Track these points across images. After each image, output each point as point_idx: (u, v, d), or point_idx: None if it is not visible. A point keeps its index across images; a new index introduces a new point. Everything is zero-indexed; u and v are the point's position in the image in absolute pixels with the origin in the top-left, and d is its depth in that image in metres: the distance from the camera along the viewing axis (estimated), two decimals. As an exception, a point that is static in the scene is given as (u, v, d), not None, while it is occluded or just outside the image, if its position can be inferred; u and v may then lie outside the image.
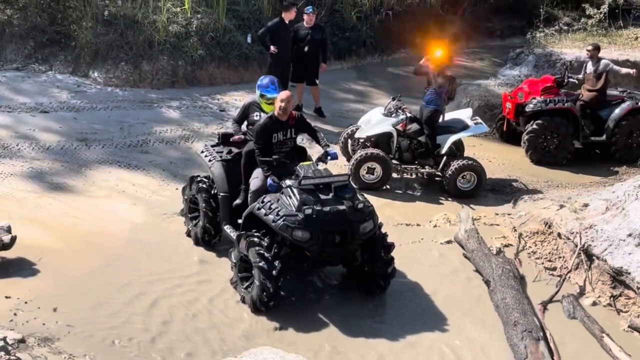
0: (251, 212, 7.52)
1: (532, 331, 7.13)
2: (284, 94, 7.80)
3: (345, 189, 7.49)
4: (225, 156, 8.34)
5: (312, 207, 7.15)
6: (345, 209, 7.27)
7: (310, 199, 7.24)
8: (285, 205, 7.28)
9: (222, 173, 8.18)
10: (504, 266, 8.34)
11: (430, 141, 10.74)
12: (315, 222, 7.13)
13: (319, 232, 7.15)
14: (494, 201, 10.56)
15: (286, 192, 7.38)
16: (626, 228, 8.19)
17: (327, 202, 7.28)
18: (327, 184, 7.43)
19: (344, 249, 7.42)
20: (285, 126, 7.84)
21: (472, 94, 13.99)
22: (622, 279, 8.03)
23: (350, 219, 7.28)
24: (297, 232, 7.12)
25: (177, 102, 13.01)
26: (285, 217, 7.14)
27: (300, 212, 7.14)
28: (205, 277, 7.91)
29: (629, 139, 12.06)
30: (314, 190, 7.34)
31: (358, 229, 7.32)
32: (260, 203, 7.41)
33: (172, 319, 7.09)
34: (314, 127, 8.32)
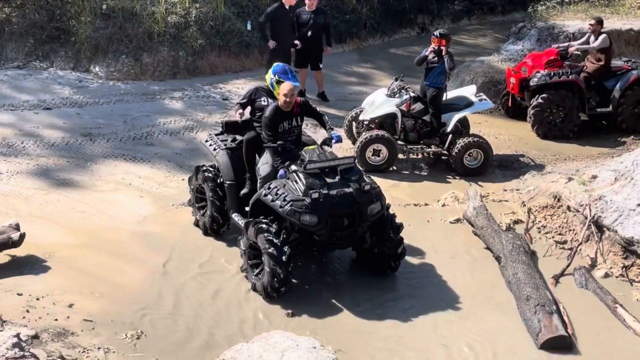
0: (258, 198, 7.50)
1: (545, 305, 7.11)
2: (287, 88, 7.71)
3: (351, 171, 7.47)
4: (230, 144, 8.31)
5: (318, 191, 7.13)
6: (352, 191, 7.25)
7: (316, 183, 7.22)
8: (292, 190, 7.26)
9: (227, 161, 8.15)
10: (514, 242, 8.31)
11: (435, 120, 10.68)
12: (323, 205, 7.11)
13: (327, 216, 7.13)
14: (502, 177, 10.52)
15: (292, 177, 7.36)
16: (636, 198, 8.14)
17: (334, 185, 7.27)
18: (333, 167, 7.40)
19: (353, 231, 7.38)
20: (290, 115, 7.81)
21: (475, 70, 13.89)
22: (633, 249, 7.99)
23: (358, 201, 7.25)
24: (305, 216, 7.10)
25: (179, 93, 12.97)
26: (292, 202, 7.12)
27: (307, 197, 7.12)
28: (216, 266, 7.91)
29: (635, 109, 11.97)
30: (319, 174, 7.32)
31: (366, 210, 7.29)
32: (267, 189, 7.40)
33: (184, 309, 7.09)
34: (319, 111, 8.29)
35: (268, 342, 4.40)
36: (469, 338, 6.95)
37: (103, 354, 6.26)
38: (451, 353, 6.71)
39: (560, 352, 6.75)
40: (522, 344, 6.88)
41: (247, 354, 4.27)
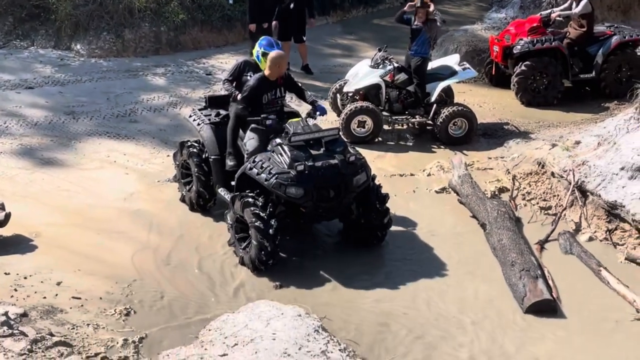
0: (244, 172, 7.50)
1: (530, 270, 7.19)
2: (278, 55, 7.73)
3: (335, 143, 7.47)
4: (213, 119, 8.27)
5: (303, 163, 7.12)
6: (337, 162, 7.26)
7: (301, 155, 7.22)
8: (277, 163, 7.25)
9: (212, 136, 8.10)
10: (499, 209, 8.37)
11: (420, 90, 10.68)
12: (308, 177, 7.12)
13: (313, 188, 7.14)
14: (487, 145, 10.56)
15: (277, 150, 7.35)
16: (618, 162, 8.21)
17: (319, 157, 7.27)
18: (318, 139, 7.40)
19: (339, 203, 7.39)
20: (274, 86, 7.79)
21: (459, 39, 13.88)
22: (617, 213, 8.07)
23: (343, 173, 7.26)
24: (291, 189, 7.10)
25: (162, 69, 12.90)
26: (277, 175, 7.12)
27: (292, 169, 7.12)
28: (203, 241, 7.92)
29: (618, 74, 12.02)
30: (304, 146, 7.31)
31: (351, 181, 7.32)
32: (252, 163, 7.38)
33: (172, 284, 7.11)
34: (300, 86, 8.28)
35: (254, 311, 4.45)
36: (455, 305, 7.02)
37: (92, 330, 6.27)
38: (438, 321, 6.77)
39: (546, 315, 6.84)
40: (508, 308, 6.95)
41: (233, 324, 4.32)
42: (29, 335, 5.55)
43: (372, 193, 7.66)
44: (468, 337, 6.55)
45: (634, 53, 12.17)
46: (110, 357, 5.86)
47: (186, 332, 5.71)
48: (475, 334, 6.61)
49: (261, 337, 4.19)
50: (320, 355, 4.06)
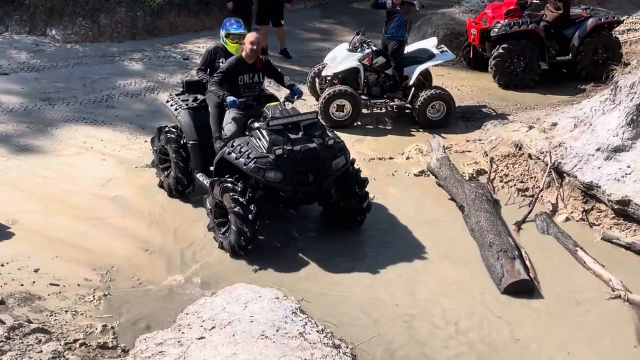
0: (222, 157, 7.44)
1: (508, 251, 7.26)
2: (253, 36, 7.72)
3: (314, 127, 7.45)
4: (191, 104, 8.20)
5: (282, 147, 7.10)
6: (316, 146, 7.24)
7: (280, 139, 7.18)
8: (256, 147, 7.22)
9: (189, 121, 8.04)
10: (477, 191, 8.43)
11: (398, 73, 10.68)
12: (287, 162, 7.10)
13: (292, 172, 7.13)
14: (465, 128, 10.60)
15: (255, 135, 7.32)
16: (595, 143, 8.29)
17: (298, 141, 7.24)
18: (296, 123, 7.37)
19: (318, 187, 7.39)
20: (252, 69, 7.74)
21: (437, 23, 13.88)
22: (593, 194, 8.16)
23: (322, 156, 7.25)
24: (270, 173, 7.08)
25: (139, 54, 12.78)
26: (256, 160, 7.09)
27: (271, 153, 7.09)
28: (181, 226, 7.91)
29: (594, 56, 12.09)
30: (283, 130, 7.28)
31: (330, 165, 7.31)
32: (231, 147, 7.33)
33: (150, 269, 7.11)
34: (280, 71, 8.21)
35: (232, 294, 4.45)
36: (435, 287, 7.08)
37: (71, 316, 6.25)
38: (417, 303, 6.83)
39: (524, 296, 6.92)
40: (487, 290, 7.02)
41: (211, 307, 4.32)
42: (7, 322, 5.51)
43: (352, 177, 7.66)
44: (446, 320, 6.61)
45: (610, 35, 12.25)
46: (89, 343, 5.84)
47: (164, 317, 5.72)
48: (453, 316, 6.66)
49: (239, 320, 4.20)
50: (299, 337, 4.07)
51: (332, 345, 4.05)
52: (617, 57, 11.77)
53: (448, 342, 6.31)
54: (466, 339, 6.36)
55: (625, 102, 8.18)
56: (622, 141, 8.08)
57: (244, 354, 3.87)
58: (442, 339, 6.34)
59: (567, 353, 6.22)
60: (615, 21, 12.27)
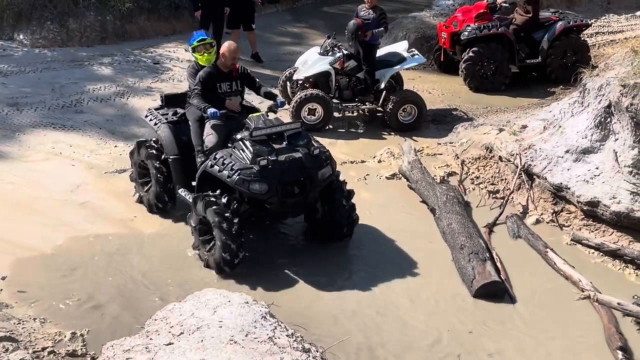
0: (205, 170, 7.21)
1: (479, 253, 7.29)
2: (230, 45, 7.50)
3: (298, 136, 7.24)
4: (171, 118, 7.96)
5: (267, 158, 6.89)
6: (301, 156, 7.05)
7: (264, 149, 6.97)
8: (239, 159, 7.00)
9: (170, 136, 7.77)
10: (448, 193, 8.46)
11: (369, 77, 10.70)
12: (272, 172, 6.88)
13: (277, 183, 6.91)
14: (436, 131, 10.65)
15: (238, 146, 7.11)
16: (563, 145, 8.36)
17: (282, 151, 7.04)
18: (280, 133, 7.17)
19: (304, 198, 7.19)
20: (229, 78, 7.56)
21: (407, 26, 13.94)
22: (562, 195, 8.23)
23: (308, 166, 7.06)
24: (254, 185, 6.85)
25: (108, 59, 12.67)
26: (240, 171, 6.86)
27: (255, 164, 6.88)
28: (151, 231, 7.83)
29: (563, 59, 12.22)
30: (267, 140, 7.07)
31: (316, 175, 7.12)
32: (213, 160, 7.09)
33: (120, 275, 7.02)
34: (257, 80, 7.97)
35: (200, 299, 4.40)
36: (405, 288, 7.08)
37: (39, 324, 6.16)
38: (388, 305, 6.82)
39: (495, 299, 6.93)
40: (458, 292, 7.03)
41: (179, 313, 4.27)
42: (-28, 332, 5.41)
43: (338, 190, 7.48)
44: (417, 322, 6.61)
45: (579, 38, 12.40)
46: (57, 351, 5.77)
47: (132, 323, 5.66)
48: (424, 319, 6.67)
49: (208, 325, 4.16)
50: (268, 341, 4.04)
51: (301, 349, 4.03)
52: (585, 59, 11.91)
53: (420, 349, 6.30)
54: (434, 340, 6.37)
55: (593, 104, 8.26)
56: (591, 143, 8.16)
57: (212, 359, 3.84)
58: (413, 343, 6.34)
59: (537, 355, 6.25)
60: (584, 24, 12.42)
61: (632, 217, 7.60)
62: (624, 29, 14.14)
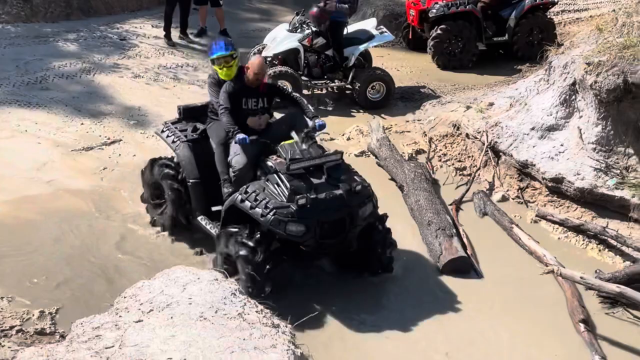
0: (233, 205, 6.40)
1: (446, 229, 7.38)
2: (256, 60, 6.76)
3: (338, 169, 6.45)
4: (190, 135, 7.14)
5: (305, 196, 6.09)
6: (342, 193, 6.25)
7: (302, 185, 6.19)
8: (274, 195, 6.21)
9: (190, 156, 6.98)
10: (416, 170, 8.54)
11: (338, 54, 10.70)
12: (311, 212, 6.10)
13: (316, 224, 6.15)
14: (404, 109, 10.72)
15: (272, 179, 6.30)
16: (529, 122, 8.47)
17: (321, 187, 6.24)
18: (319, 166, 6.36)
19: (343, 238, 6.42)
20: (255, 94, 6.78)
21: (376, 4, 13.95)
22: (528, 172, 8.36)
23: (349, 204, 6.29)
24: (291, 226, 6.09)
25: (74, 35, 12.47)
26: (275, 210, 6.07)
27: (293, 203, 6.08)
28: (119, 207, 7.79)
29: (529, 37, 12.34)
30: (304, 174, 6.27)
31: (357, 214, 6.35)
32: (244, 194, 6.27)
33: (87, 253, 6.99)
34: (293, 94, 7.18)
35: (169, 277, 4.42)
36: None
37: (7, 303, 6.13)
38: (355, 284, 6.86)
39: (462, 275, 7.04)
40: (425, 268, 7.13)
41: (149, 290, 4.29)
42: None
43: (377, 227, 6.73)
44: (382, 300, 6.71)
45: (545, 16, 12.52)
46: (26, 329, 5.77)
47: (101, 301, 5.66)
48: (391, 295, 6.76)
49: (177, 302, 4.19)
50: (237, 317, 4.09)
51: (270, 325, 4.08)
52: (551, 37, 12.03)
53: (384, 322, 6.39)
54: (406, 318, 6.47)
55: (559, 81, 8.37)
56: (556, 120, 8.28)
57: (182, 336, 3.87)
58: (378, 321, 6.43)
59: (503, 328, 6.38)
60: (550, 2, 12.54)
61: (595, 193, 7.74)
62: (590, 7, 14.30)
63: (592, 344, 6.12)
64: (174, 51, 12.16)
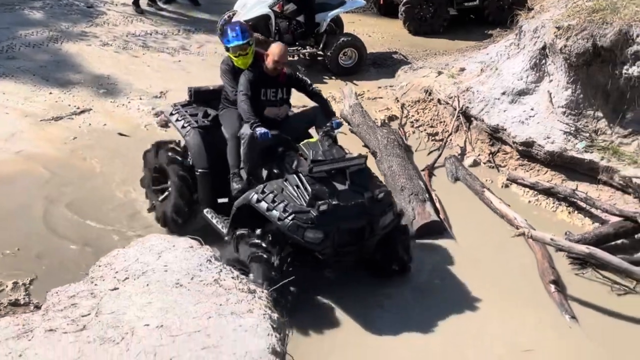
0: (246, 204, 5.97)
1: (419, 194, 7.45)
2: (277, 47, 6.31)
3: (361, 173, 6.07)
4: (202, 121, 6.69)
5: (328, 202, 5.70)
6: (364, 201, 5.89)
7: (323, 190, 5.81)
8: (293, 197, 5.82)
9: (200, 144, 6.54)
10: (389, 136, 8.57)
11: (309, 20, 10.62)
12: (331, 219, 5.73)
13: (335, 231, 5.80)
14: (376, 75, 10.71)
15: (292, 181, 5.92)
16: (500, 87, 8.53)
17: (344, 194, 5.86)
18: (342, 169, 5.97)
19: (361, 247, 6.08)
20: (275, 84, 6.36)
21: (347, -31, 13.80)
22: (499, 136, 8.43)
23: (370, 213, 5.95)
24: (309, 232, 5.73)
25: (40, 2, 12.19)
26: (295, 215, 5.69)
27: (314, 208, 5.70)
28: (92, 178, 7.73)
29: (500, 1, 12.34)
30: (327, 177, 5.89)
31: (377, 222, 6.01)
32: (260, 194, 5.86)
33: (60, 222, 6.96)
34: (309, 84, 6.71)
35: (144, 245, 4.41)
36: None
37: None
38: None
39: (434, 238, 7.13)
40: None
41: (124, 259, 4.28)
42: None
43: (397, 236, 6.41)
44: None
45: (515, -19, 12.51)
46: (0, 300, 5.73)
47: (76, 270, 5.65)
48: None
49: (153, 269, 4.18)
50: (213, 283, 4.10)
51: (247, 290, 4.11)
52: (521, 1, 11.96)
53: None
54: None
55: (529, 46, 8.42)
56: (526, 84, 8.34)
57: (158, 303, 3.88)
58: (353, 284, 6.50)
59: (474, 290, 6.48)
60: (520, -33, 12.52)
61: (565, 156, 7.84)
62: (560, -29, 14.31)
63: (562, 304, 6.26)
64: (143, 18, 11.98)
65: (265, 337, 3.81)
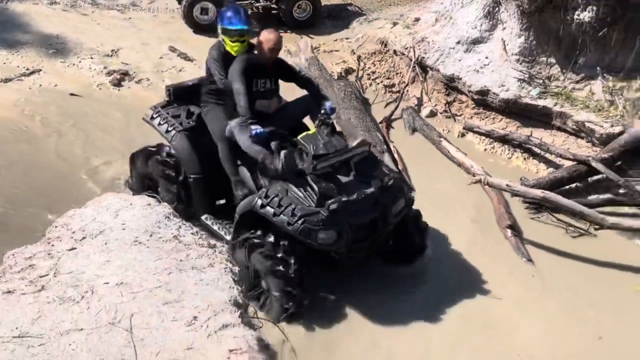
0: (252, 210, 5.50)
1: (377, 146, 7.48)
2: (274, 35, 5.67)
3: (366, 162, 5.65)
4: (186, 123, 6.15)
5: (337, 200, 5.29)
6: (373, 191, 5.47)
7: (330, 187, 5.37)
8: (300, 199, 5.37)
9: (188, 148, 6.04)
10: (346, 89, 8.56)
11: (261, -27, 10.45)
12: (342, 217, 5.33)
13: (348, 228, 5.40)
14: (332, 27, 10.63)
15: (296, 181, 5.47)
16: (454, 36, 8.54)
17: (351, 186, 5.44)
18: (345, 161, 5.54)
19: (375, 239, 5.67)
20: (264, 73, 5.80)
21: None
22: (454, 85, 8.48)
23: (381, 202, 5.53)
24: (322, 234, 5.32)
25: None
26: (304, 218, 5.26)
27: (324, 208, 5.28)
28: (44, 142, 7.59)
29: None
30: (331, 172, 5.46)
31: (390, 211, 5.61)
32: (264, 198, 5.40)
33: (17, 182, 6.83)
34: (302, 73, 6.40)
35: (101, 204, 4.37)
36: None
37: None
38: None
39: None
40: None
41: (81, 219, 4.24)
42: None
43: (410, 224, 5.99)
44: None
45: None
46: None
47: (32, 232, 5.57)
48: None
49: (110, 228, 4.15)
50: (173, 239, 4.10)
51: (207, 245, 4.11)
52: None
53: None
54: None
55: (482, -6, 8.43)
56: (480, 33, 8.37)
57: (117, 261, 3.86)
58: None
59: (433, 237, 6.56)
60: None
61: (519, 103, 7.93)
62: None
63: (519, 248, 6.40)
64: (91, -25, 11.65)
65: (227, 289, 3.83)
